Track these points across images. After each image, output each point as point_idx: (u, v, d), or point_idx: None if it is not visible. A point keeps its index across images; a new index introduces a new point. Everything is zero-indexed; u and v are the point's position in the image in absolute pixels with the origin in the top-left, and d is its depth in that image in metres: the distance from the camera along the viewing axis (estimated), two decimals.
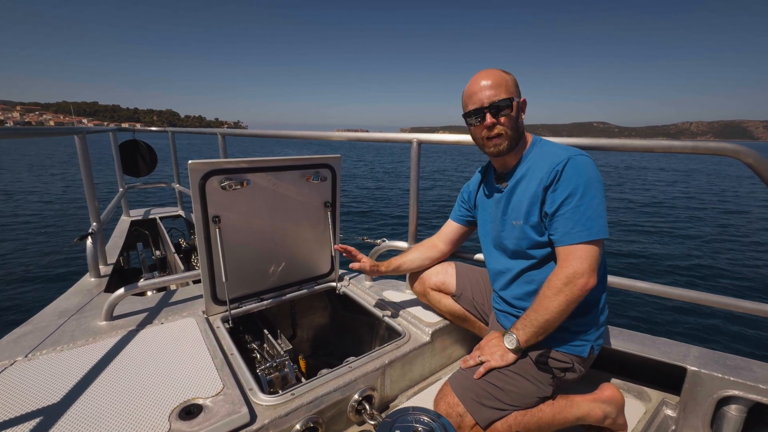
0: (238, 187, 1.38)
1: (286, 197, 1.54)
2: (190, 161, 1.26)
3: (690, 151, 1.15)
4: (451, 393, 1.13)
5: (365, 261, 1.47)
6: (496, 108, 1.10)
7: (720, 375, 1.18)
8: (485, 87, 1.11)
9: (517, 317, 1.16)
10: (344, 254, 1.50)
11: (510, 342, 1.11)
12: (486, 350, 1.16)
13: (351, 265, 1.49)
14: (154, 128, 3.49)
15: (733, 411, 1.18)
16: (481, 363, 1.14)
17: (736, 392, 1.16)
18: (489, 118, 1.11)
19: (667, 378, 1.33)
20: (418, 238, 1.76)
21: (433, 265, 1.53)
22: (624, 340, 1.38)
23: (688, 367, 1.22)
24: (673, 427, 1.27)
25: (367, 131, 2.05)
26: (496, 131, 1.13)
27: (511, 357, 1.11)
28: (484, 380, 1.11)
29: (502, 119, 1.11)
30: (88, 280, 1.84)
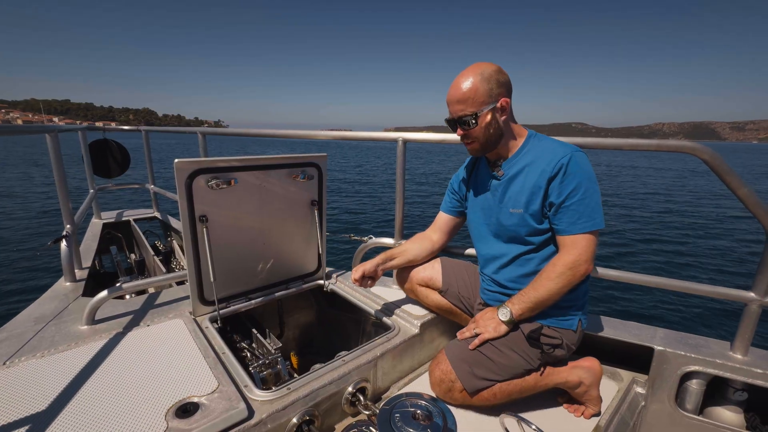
0: (225, 186, 1.37)
1: (273, 196, 1.54)
2: (176, 160, 1.25)
3: (655, 148, 1.26)
4: (445, 361, 1.22)
5: (369, 267, 1.43)
6: (462, 122, 1.18)
7: (683, 353, 1.29)
8: (455, 100, 1.17)
9: (509, 297, 1.24)
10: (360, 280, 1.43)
11: (504, 314, 1.19)
12: (480, 323, 1.24)
13: (356, 278, 1.42)
14: (126, 127, 3.36)
15: (694, 385, 1.30)
16: (477, 335, 1.22)
17: (696, 368, 1.27)
18: (459, 131, 1.21)
19: (637, 359, 1.44)
20: (404, 235, 1.81)
21: (430, 257, 1.56)
22: (598, 325, 1.49)
23: (655, 347, 1.33)
24: (643, 403, 1.38)
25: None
26: (466, 140, 1.23)
27: (504, 329, 1.20)
28: (478, 352, 1.20)
29: (470, 131, 1.18)
30: (64, 284, 1.76)
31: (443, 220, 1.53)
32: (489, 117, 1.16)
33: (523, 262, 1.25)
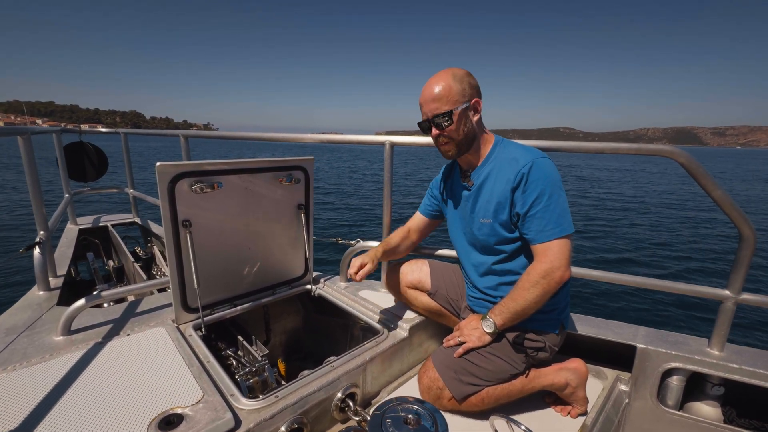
0: (209, 189, 1.34)
1: (259, 200, 1.52)
2: (158, 163, 1.21)
3: (635, 152, 1.30)
4: (432, 368, 1.23)
5: (367, 262, 1.39)
6: (437, 122, 1.18)
7: (664, 350, 1.33)
8: (429, 99, 1.17)
9: (492, 303, 1.25)
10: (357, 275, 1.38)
11: (488, 326, 1.20)
12: (465, 332, 1.25)
13: (354, 274, 1.37)
14: (103, 129, 3.25)
15: (675, 381, 1.34)
16: (461, 343, 1.23)
17: (677, 364, 1.32)
18: (433, 130, 1.21)
19: (620, 357, 1.47)
20: None
21: (407, 253, 1.58)
22: (582, 325, 1.52)
23: (638, 345, 1.37)
24: (627, 401, 1.42)
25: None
26: (441, 141, 1.22)
27: (488, 339, 1.21)
28: (463, 358, 1.21)
29: (446, 131, 1.18)
30: (37, 293, 1.68)
31: (420, 221, 1.55)
32: (463, 115, 1.17)
33: (502, 272, 1.27)
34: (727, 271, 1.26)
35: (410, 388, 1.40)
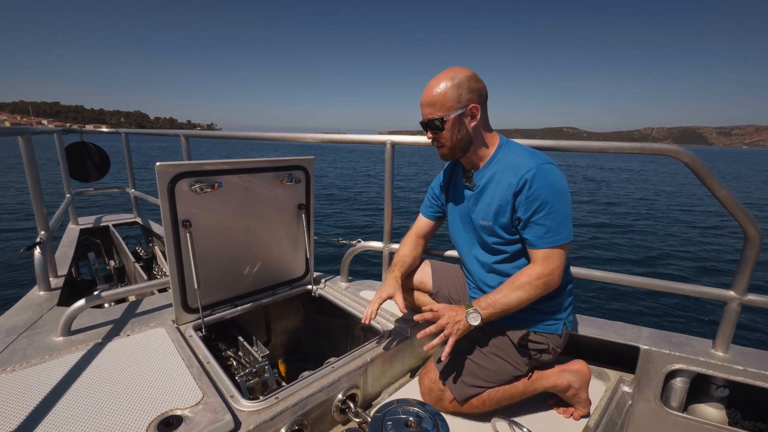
0: (209, 189, 1.33)
1: (259, 200, 1.51)
2: (158, 163, 1.21)
3: (638, 151, 1.29)
4: (434, 369, 1.23)
5: (397, 296, 1.32)
6: (430, 126, 1.18)
7: (667, 351, 1.32)
8: (425, 103, 1.18)
9: None
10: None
11: (474, 319, 1.13)
12: (450, 325, 1.15)
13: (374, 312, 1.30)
14: (105, 129, 3.25)
15: (678, 383, 1.33)
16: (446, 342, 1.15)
17: (681, 366, 1.30)
18: (428, 134, 1.23)
19: (623, 358, 1.46)
20: (393, 238, 1.80)
21: (419, 259, 1.55)
22: (584, 326, 1.50)
23: (641, 346, 1.36)
24: (630, 402, 1.41)
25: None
26: (435, 144, 1.23)
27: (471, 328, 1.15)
28: (466, 359, 1.20)
29: (438, 135, 1.19)
30: (37, 294, 1.68)
31: (426, 224, 1.53)
32: (456, 122, 1.15)
33: (503, 272, 1.26)
34: (732, 272, 1.25)
35: (411, 390, 1.39)
